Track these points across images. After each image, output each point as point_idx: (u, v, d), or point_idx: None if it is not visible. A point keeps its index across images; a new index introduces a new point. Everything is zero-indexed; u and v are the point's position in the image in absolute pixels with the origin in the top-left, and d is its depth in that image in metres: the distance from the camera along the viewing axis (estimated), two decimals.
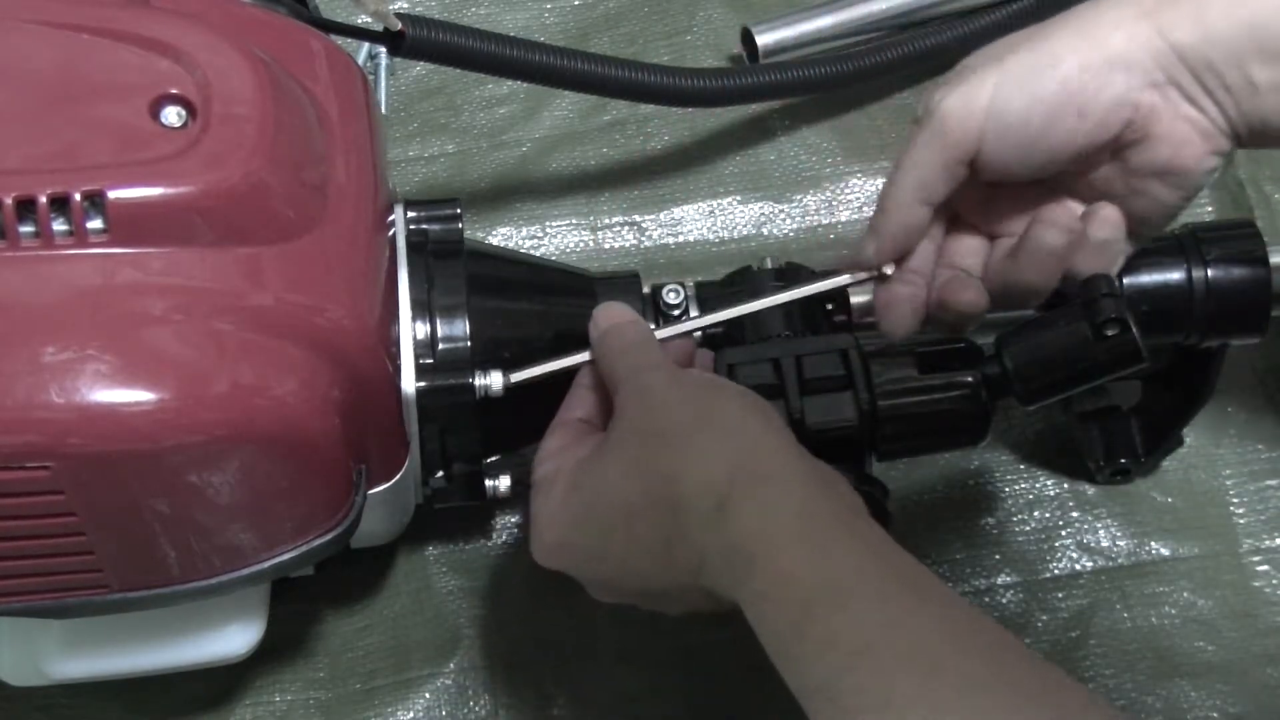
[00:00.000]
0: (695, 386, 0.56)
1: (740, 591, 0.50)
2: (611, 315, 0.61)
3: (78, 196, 0.49)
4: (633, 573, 0.55)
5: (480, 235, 0.82)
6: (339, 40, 0.64)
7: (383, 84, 0.86)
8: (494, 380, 0.61)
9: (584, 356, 0.61)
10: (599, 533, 0.55)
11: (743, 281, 0.66)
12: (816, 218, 0.83)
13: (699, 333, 0.65)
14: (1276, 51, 0.53)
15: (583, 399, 0.60)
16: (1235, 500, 0.74)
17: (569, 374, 0.61)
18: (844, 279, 0.62)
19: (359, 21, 0.76)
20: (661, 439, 0.53)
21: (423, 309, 0.61)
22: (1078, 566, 0.73)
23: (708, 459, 0.52)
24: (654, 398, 0.55)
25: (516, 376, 0.61)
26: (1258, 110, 0.55)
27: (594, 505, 0.55)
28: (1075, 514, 0.74)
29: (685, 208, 0.84)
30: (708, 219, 0.84)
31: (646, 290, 0.67)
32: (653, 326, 0.65)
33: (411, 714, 0.69)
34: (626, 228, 0.83)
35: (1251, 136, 0.56)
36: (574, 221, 0.83)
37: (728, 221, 0.84)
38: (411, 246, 0.62)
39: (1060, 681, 0.46)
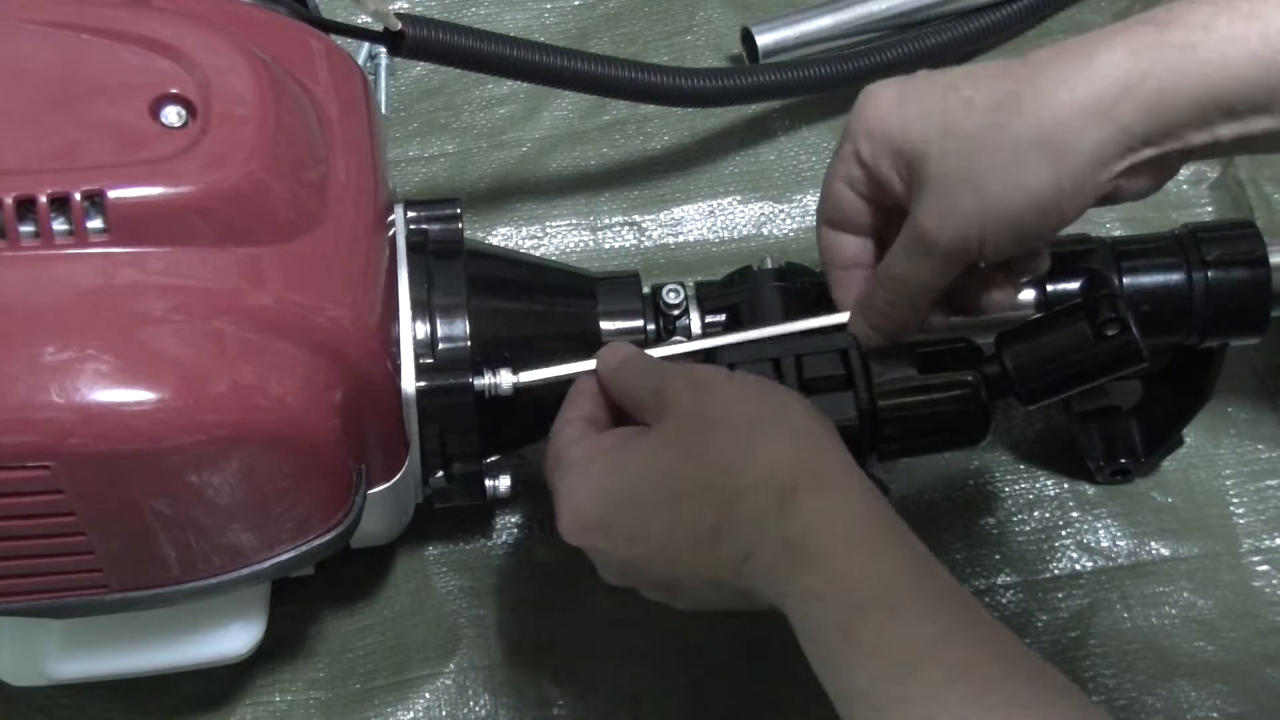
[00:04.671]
0: (755, 383, 0.55)
1: (789, 589, 0.49)
2: (619, 351, 0.61)
3: (78, 196, 0.50)
4: (667, 557, 0.54)
5: (480, 235, 0.82)
6: (339, 40, 0.64)
7: (383, 84, 0.86)
8: (503, 379, 0.61)
9: (594, 363, 0.61)
10: (643, 514, 0.54)
11: (742, 281, 0.66)
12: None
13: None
14: (1240, 111, 0.52)
15: (585, 403, 0.60)
16: (1235, 500, 0.74)
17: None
18: (845, 317, 0.62)
19: (359, 21, 0.76)
20: (722, 429, 0.53)
21: (423, 309, 0.61)
22: (1078, 566, 0.73)
23: (772, 453, 0.51)
24: (713, 390, 0.54)
25: (525, 377, 0.61)
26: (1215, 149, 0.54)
27: (642, 486, 0.54)
28: (1075, 514, 0.74)
29: (685, 208, 0.84)
30: (708, 219, 0.84)
31: (646, 290, 0.67)
32: (651, 328, 0.65)
33: (411, 714, 0.69)
34: (626, 228, 0.83)
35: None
36: (574, 221, 0.83)
37: (728, 221, 0.84)
38: (411, 246, 0.62)
39: (1095, 712, 0.46)
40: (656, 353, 0.62)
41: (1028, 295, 0.64)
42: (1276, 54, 0.51)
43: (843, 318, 0.62)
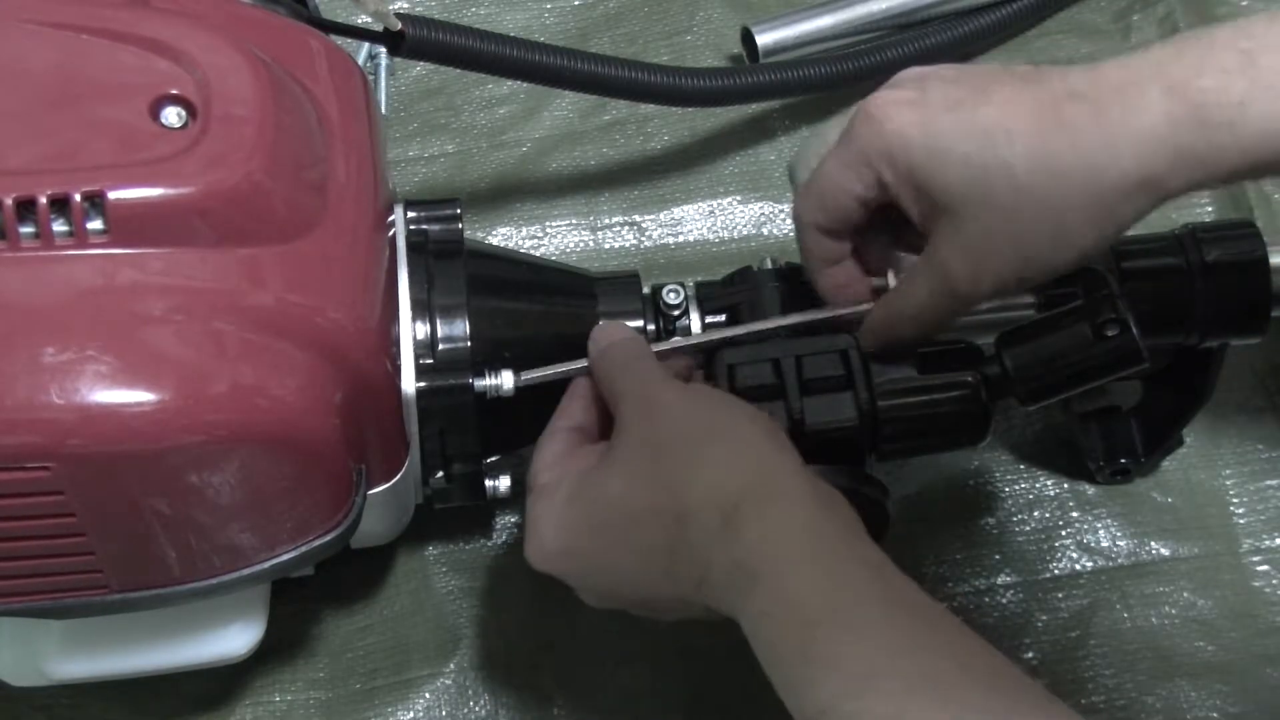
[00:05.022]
0: (705, 400, 0.55)
1: (742, 609, 0.50)
2: (611, 334, 0.61)
3: (78, 197, 0.50)
4: (633, 582, 0.55)
5: (480, 235, 0.82)
6: (339, 40, 0.64)
7: (383, 84, 0.86)
8: (505, 380, 0.61)
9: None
10: (603, 541, 0.55)
11: (743, 281, 0.66)
12: None
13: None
14: (1268, 169, 0.52)
15: (576, 409, 0.60)
16: (1235, 500, 0.74)
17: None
18: (849, 309, 0.61)
19: (359, 21, 0.76)
20: (669, 450, 0.53)
21: (423, 309, 0.61)
22: (1078, 566, 0.73)
23: (717, 473, 0.52)
24: (662, 410, 0.55)
25: (527, 376, 0.61)
26: None
27: (599, 513, 0.54)
28: (1075, 514, 0.74)
29: (685, 208, 0.84)
30: (708, 219, 0.84)
31: (646, 290, 0.67)
32: (651, 328, 0.65)
33: (411, 714, 0.69)
34: (626, 228, 0.83)
35: None
36: (574, 221, 0.83)
37: (728, 221, 0.84)
38: (411, 246, 0.62)
39: (1062, 713, 0.45)
40: (659, 348, 0.62)
41: (1027, 296, 0.64)
42: None
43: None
